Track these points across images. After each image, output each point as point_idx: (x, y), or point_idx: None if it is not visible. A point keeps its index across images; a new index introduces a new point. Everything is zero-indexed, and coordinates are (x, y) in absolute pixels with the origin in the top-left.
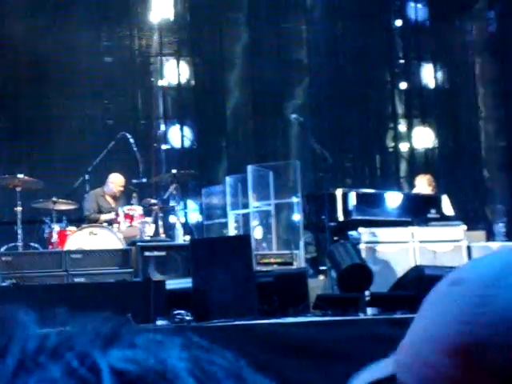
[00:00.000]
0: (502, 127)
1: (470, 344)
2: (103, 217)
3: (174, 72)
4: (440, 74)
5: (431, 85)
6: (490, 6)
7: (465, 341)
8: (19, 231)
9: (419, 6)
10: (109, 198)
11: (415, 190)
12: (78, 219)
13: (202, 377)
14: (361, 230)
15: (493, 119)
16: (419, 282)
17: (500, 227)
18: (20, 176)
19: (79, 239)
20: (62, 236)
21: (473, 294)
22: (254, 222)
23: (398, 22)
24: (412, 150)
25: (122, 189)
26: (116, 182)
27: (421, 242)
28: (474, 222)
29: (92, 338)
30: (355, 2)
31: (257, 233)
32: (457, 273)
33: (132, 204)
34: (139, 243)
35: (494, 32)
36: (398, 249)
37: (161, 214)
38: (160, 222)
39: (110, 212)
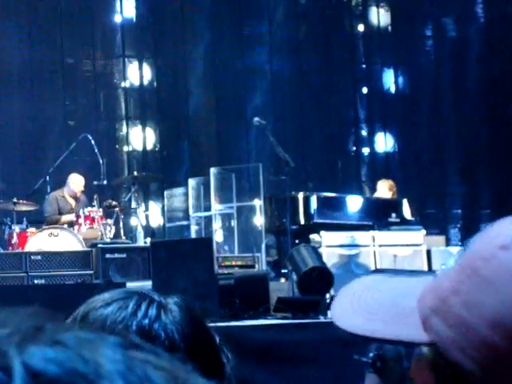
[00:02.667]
0: (460, 132)
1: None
2: (64, 218)
3: (137, 74)
4: (401, 79)
5: (392, 89)
6: (448, 12)
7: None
8: None
9: (381, 11)
10: (69, 199)
11: (376, 194)
12: (39, 220)
13: (135, 382)
14: (322, 233)
15: (452, 124)
16: None
17: (456, 232)
18: None
19: (39, 240)
20: (22, 237)
21: (478, 254)
22: (216, 225)
23: (360, 27)
24: (373, 154)
25: (82, 189)
26: (76, 182)
27: (381, 245)
28: (432, 227)
29: (9, 334)
30: (317, 6)
31: (218, 235)
32: (508, 237)
33: (93, 206)
34: (100, 245)
35: (454, 37)
36: (358, 252)
37: (122, 216)
38: (121, 224)
39: (70, 213)
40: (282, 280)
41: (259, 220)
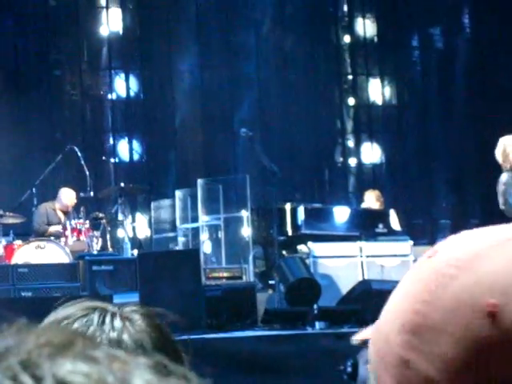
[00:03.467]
0: (448, 142)
1: (421, 325)
2: (51, 228)
3: (123, 85)
4: (388, 90)
5: (379, 101)
6: (435, 23)
7: (418, 321)
8: None
9: (367, 21)
10: (59, 213)
11: (363, 205)
12: (25, 233)
13: None
14: (309, 244)
15: (439, 134)
16: (367, 296)
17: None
18: None
19: (26, 253)
20: (9, 250)
21: (440, 271)
22: (204, 236)
23: (347, 38)
24: (360, 165)
25: (75, 202)
26: (69, 196)
27: (368, 256)
28: (419, 237)
29: (41, 345)
30: (305, 17)
31: (206, 247)
32: (437, 246)
33: (80, 218)
34: (87, 257)
35: (441, 48)
36: (346, 263)
37: (109, 228)
38: (108, 236)
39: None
40: (270, 291)
41: (246, 231)
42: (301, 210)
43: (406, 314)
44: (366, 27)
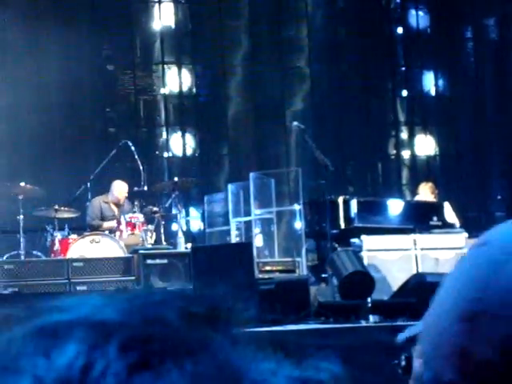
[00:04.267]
0: (503, 134)
1: (479, 312)
2: (106, 224)
3: (176, 80)
4: (441, 82)
5: (432, 92)
6: (489, 14)
7: (475, 308)
8: (21, 239)
9: (420, 13)
10: (112, 206)
11: (417, 198)
12: (80, 227)
13: None
14: (363, 237)
15: (494, 126)
16: (421, 289)
17: None
18: (22, 184)
19: (81, 247)
20: (64, 244)
21: (492, 258)
22: (256, 230)
23: (400, 30)
24: (414, 157)
25: (126, 195)
26: (120, 189)
27: (423, 249)
28: (475, 230)
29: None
30: (356, 10)
31: (258, 240)
32: (487, 234)
33: (134, 212)
34: (141, 251)
35: (496, 39)
36: (399, 256)
37: (163, 222)
38: (162, 230)
39: (112, 219)
40: (323, 284)
41: (299, 224)
42: (354, 203)
43: (463, 303)
44: (419, 19)
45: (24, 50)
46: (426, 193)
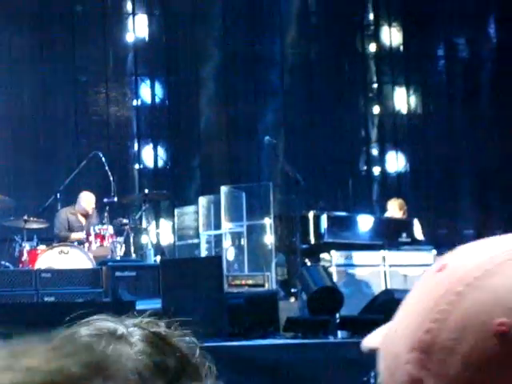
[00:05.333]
0: (473, 152)
1: (432, 344)
2: (74, 235)
3: (149, 92)
4: (413, 99)
5: (404, 109)
6: (460, 32)
7: (428, 340)
8: None
9: (393, 30)
10: (80, 217)
11: (387, 214)
12: (49, 238)
13: None
14: (332, 252)
15: (464, 144)
16: (389, 305)
17: None
18: None
19: (50, 258)
20: (33, 255)
21: (451, 288)
22: (227, 243)
23: (372, 47)
24: (384, 173)
25: (93, 206)
26: (88, 200)
27: (391, 265)
28: (443, 247)
29: None
30: (329, 26)
31: (229, 254)
32: (447, 257)
33: (103, 223)
34: (110, 263)
35: (467, 57)
36: (369, 272)
37: (132, 234)
38: (131, 242)
39: (80, 230)
40: (292, 299)
41: (269, 239)
42: (324, 218)
43: (416, 333)
44: (392, 36)
45: None
46: (394, 209)
